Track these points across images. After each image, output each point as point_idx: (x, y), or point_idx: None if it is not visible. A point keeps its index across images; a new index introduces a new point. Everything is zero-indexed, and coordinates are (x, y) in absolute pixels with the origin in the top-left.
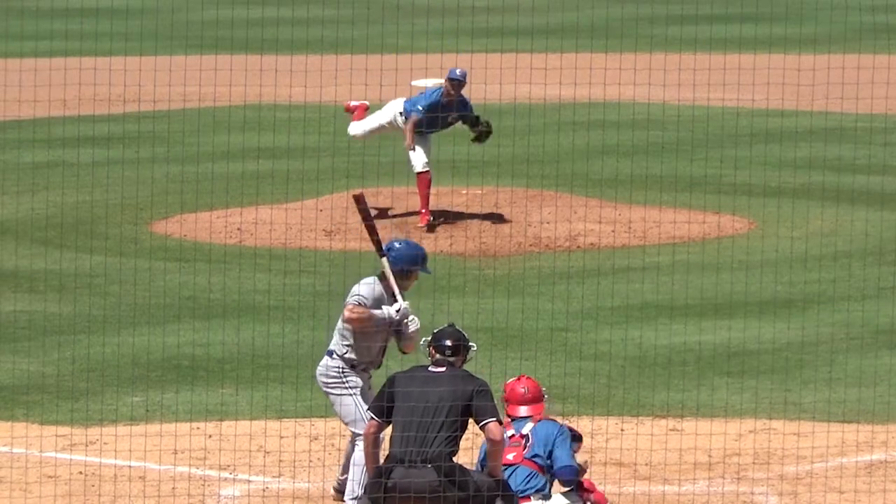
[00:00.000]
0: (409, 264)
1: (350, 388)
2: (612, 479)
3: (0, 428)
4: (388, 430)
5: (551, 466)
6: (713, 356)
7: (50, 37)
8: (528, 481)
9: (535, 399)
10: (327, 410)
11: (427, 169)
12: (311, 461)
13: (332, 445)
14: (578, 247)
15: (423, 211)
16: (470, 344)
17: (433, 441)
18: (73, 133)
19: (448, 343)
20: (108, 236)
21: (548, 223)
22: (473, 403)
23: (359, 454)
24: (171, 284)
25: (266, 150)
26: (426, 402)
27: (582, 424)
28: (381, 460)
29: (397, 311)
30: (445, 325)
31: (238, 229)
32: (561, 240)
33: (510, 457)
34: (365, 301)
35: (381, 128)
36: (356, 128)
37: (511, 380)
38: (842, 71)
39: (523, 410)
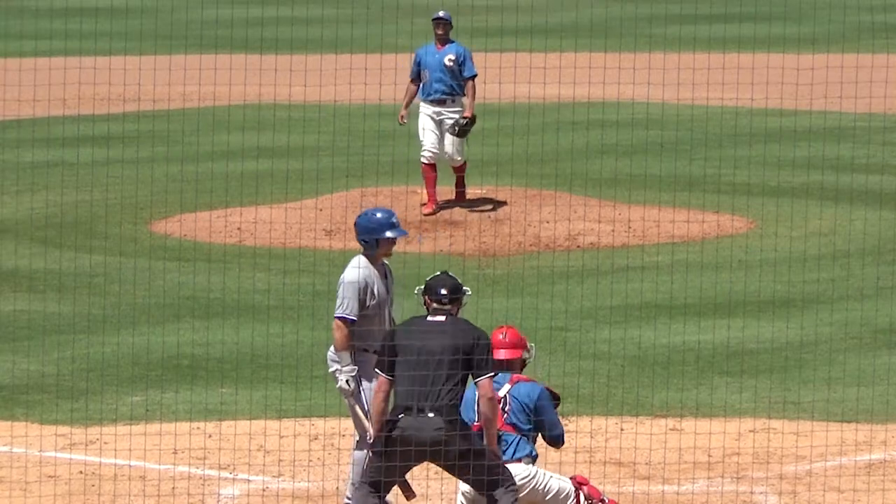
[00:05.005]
0: (369, 234)
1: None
2: (611, 479)
3: (0, 427)
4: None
5: (533, 429)
6: (713, 356)
7: (50, 36)
8: (513, 445)
9: (515, 345)
10: (327, 410)
11: (429, 161)
12: (311, 461)
13: (332, 445)
14: (578, 246)
15: (429, 199)
16: (465, 289)
17: (438, 392)
18: (73, 133)
19: (444, 291)
20: (107, 236)
21: (547, 223)
22: (473, 356)
23: (358, 454)
24: (171, 284)
25: (266, 149)
26: (429, 353)
27: (582, 424)
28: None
29: (340, 379)
30: (438, 272)
31: (238, 229)
32: (560, 239)
33: None
34: (350, 314)
35: (429, 132)
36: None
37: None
38: (841, 70)
39: (503, 353)
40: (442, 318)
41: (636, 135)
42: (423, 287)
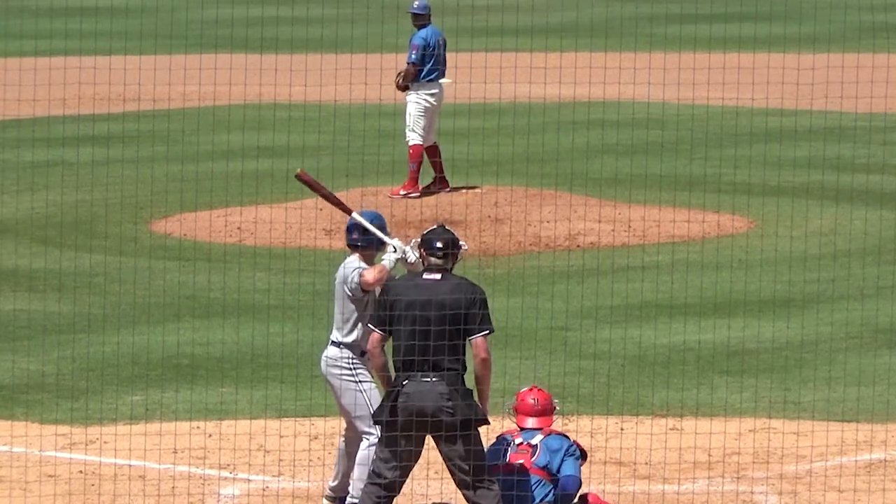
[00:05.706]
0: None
1: (361, 381)
2: (611, 479)
3: (0, 427)
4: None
5: (557, 474)
6: (713, 355)
7: (50, 36)
8: (535, 488)
9: (545, 411)
10: (327, 410)
11: (417, 142)
12: (310, 460)
13: (332, 444)
14: (578, 246)
15: (406, 182)
16: (461, 243)
17: (441, 358)
18: (73, 132)
19: (439, 245)
20: (107, 235)
21: (548, 222)
22: (469, 312)
23: (363, 454)
24: (171, 283)
25: (266, 149)
26: (425, 319)
27: (582, 424)
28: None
29: (395, 250)
30: (435, 225)
31: (238, 228)
32: (561, 239)
33: (518, 463)
34: (366, 268)
35: (418, 116)
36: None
37: (523, 389)
38: (841, 70)
39: (531, 422)
40: (437, 276)
41: (636, 135)
42: (419, 240)
